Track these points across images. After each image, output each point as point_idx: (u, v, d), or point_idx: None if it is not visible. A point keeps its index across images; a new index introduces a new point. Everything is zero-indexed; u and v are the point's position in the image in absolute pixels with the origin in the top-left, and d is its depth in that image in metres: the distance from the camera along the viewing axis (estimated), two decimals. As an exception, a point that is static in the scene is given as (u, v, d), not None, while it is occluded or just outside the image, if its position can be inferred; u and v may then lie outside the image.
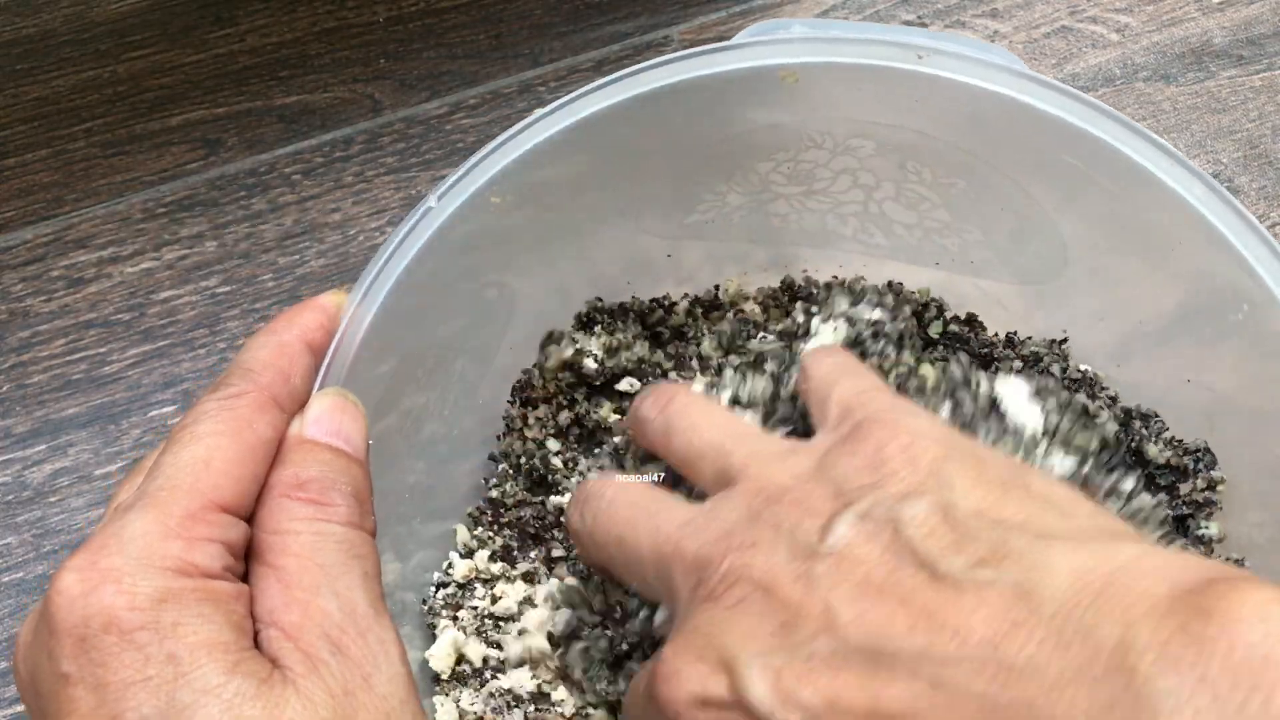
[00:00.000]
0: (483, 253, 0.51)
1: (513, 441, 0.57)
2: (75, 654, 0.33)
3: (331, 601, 0.36)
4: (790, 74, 0.49)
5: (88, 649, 0.33)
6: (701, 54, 0.49)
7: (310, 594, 0.36)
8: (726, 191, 0.56)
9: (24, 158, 0.74)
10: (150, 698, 0.32)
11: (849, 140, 0.53)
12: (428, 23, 0.78)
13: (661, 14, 0.78)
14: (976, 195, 0.54)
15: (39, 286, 0.69)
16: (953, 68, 0.48)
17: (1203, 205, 0.46)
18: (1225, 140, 0.72)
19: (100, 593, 0.33)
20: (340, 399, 0.41)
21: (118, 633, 0.33)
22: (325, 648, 0.35)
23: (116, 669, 0.32)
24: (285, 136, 0.74)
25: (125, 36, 0.78)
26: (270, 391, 0.39)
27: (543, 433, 0.56)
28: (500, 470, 0.57)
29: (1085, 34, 0.77)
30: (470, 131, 0.74)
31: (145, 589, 0.33)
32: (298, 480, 0.38)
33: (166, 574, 0.34)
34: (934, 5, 0.78)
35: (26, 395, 0.66)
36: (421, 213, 0.47)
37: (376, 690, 0.35)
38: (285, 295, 0.69)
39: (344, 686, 0.34)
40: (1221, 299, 0.47)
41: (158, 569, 0.34)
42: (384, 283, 0.46)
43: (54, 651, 0.33)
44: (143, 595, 0.33)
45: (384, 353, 0.46)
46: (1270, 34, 0.76)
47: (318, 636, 0.35)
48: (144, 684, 0.32)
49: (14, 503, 0.63)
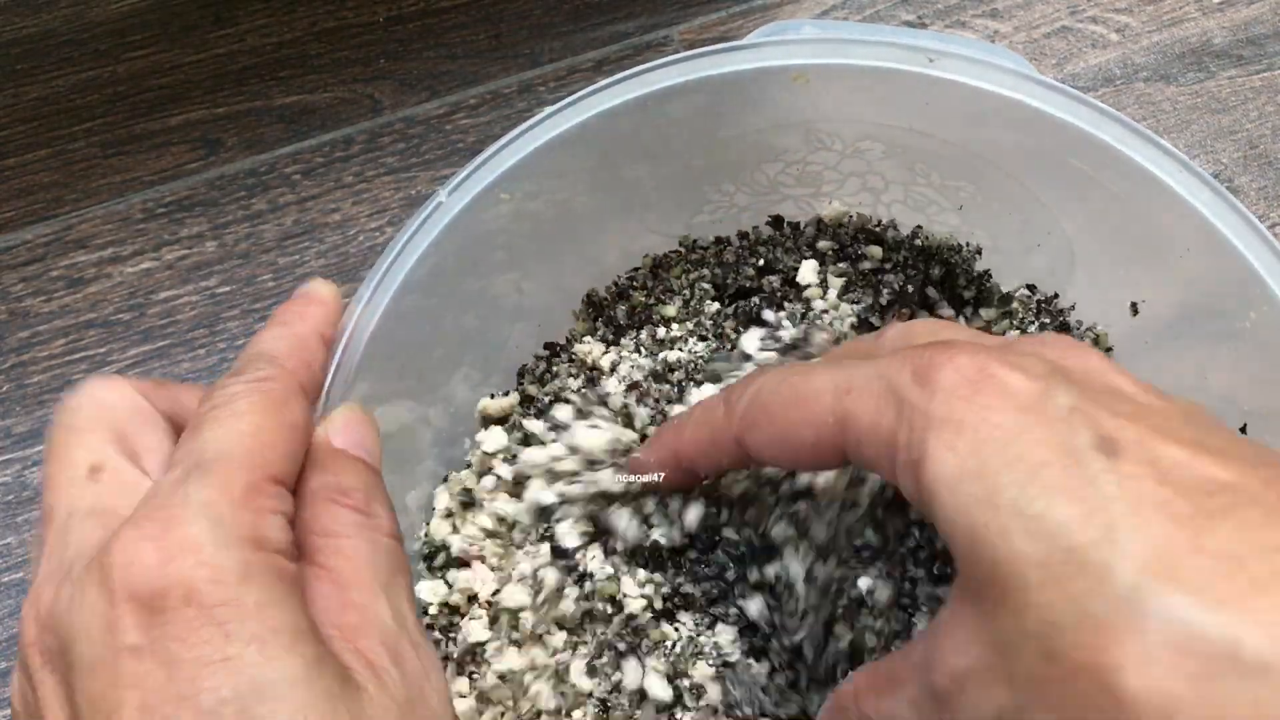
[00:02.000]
0: (491, 249, 0.51)
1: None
2: (146, 626, 0.30)
3: (386, 610, 0.35)
4: (801, 75, 0.49)
5: (162, 622, 0.30)
6: (711, 54, 0.49)
7: (367, 599, 0.34)
8: (734, 192, 0.56)
9: (24, 158, 0.73)
10: (229, 680, 0.30)
11: (858, 143, 0.53)
12: (427, 23, 0.78)
13: (661, 14, 0.78)
14: (984, 199, 0.54)
15: (39, 286, 0.69)
16: (962, 71, 0.48)
17: (1209, 210, 0.46)
18: (1225, 140, 0.72)
19: (179, 563, 0.31)
20: (360, 413, 0.41)
21: (198, 606, 0.30)
22: (386, 656, 0.34)
23: (194, 645, 0.30)
24: (285, 136, 0.74)
25: (125, 36, 0.78)
26: (297, 378, 0.38)
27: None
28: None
29: (1085, 34, 0.77)
30: (470, 131, 0.74)
31: (228, 562, 0.31)
32: (340, 487, 0.37)
33: (245, 547, 0.32)
34: (934, 5, 0.78)
35: (26, 395, 0.66)
36: (432, 207, 0.47)
37: (430, 705, 0.34)
38: (285, 295, 0.68)
39: (406, 697, 0.33)
40: (1226, 302, 0.47)
41: (236, 541, 0.32)
42: (394, 277, 0.46)
43: (116, 622, 0.30)
44: (227, 569, 0.31)
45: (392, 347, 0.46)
46: (1270, 34, 0.76)
47: (378, 643, 0.34)
48: (223, 664, 0.30)
49: (14, 503, 0.63)
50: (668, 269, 0.57)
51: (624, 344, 0.55)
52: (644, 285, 0.57)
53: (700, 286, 0.55)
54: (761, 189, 0.56)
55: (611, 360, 0.54)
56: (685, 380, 0.53)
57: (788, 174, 0.55)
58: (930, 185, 0.54)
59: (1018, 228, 0.54)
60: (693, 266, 0.57)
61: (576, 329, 0.57)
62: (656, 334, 0.54)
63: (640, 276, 0.57)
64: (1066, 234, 0.52)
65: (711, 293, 0.56)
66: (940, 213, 0.55)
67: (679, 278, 0.57)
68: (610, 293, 0.57)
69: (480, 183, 0.48)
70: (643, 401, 0.52)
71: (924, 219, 0.56)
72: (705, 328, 0.55)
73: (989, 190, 0.53)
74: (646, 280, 0.57)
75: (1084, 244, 0.52)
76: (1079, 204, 0.50)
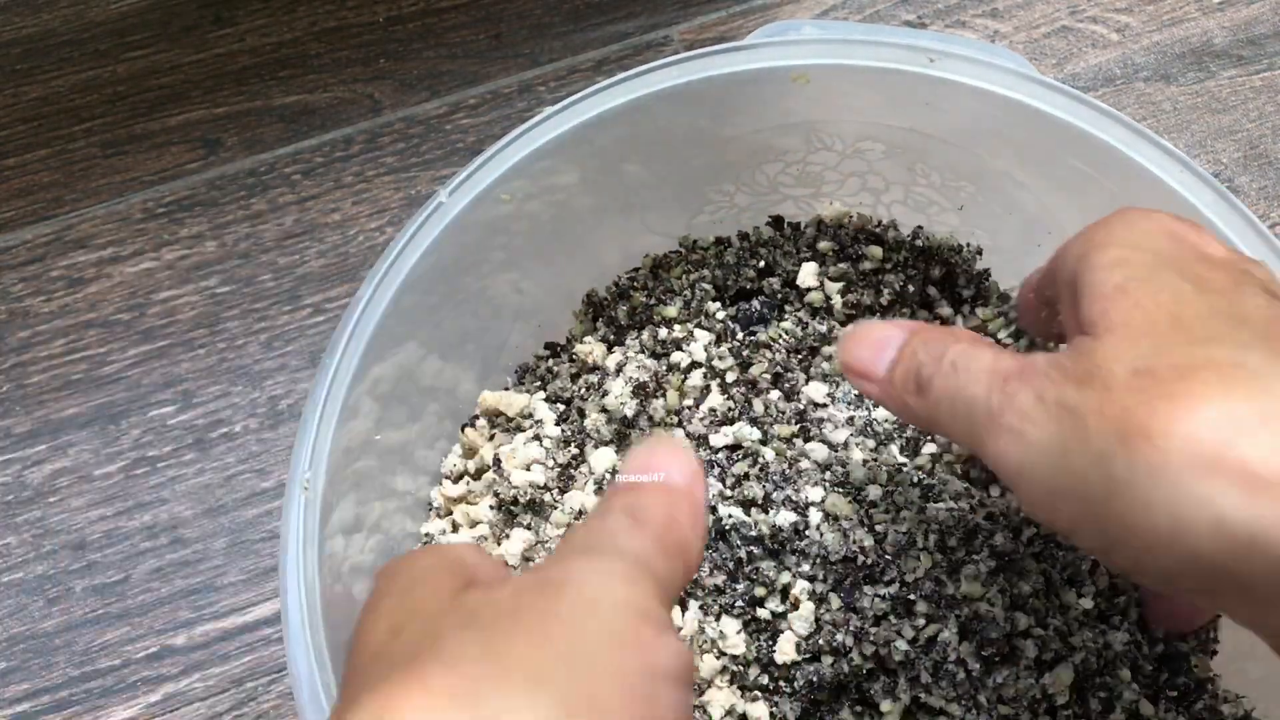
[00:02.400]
0: (491, 249, 0.51)
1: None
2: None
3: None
4: (801, 76, 0.49)
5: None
6: (712, 54, 0.49)
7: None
8: (734, 192, 0.56)
9: (24, 158, 0.74)
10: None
11: (859, 143, 0.53)
12: (428, 23, 0.78)
13: (661, 14, 0.78)
14: (985, 199, 0.54)
15: (39, 286, 0.69)
16: (963, 71, 0.48)
17: (1210, 210, 0.46)
18: (1225, 140, 0.72)
19: None
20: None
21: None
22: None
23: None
24: (285, 136, 0.74)
25: (125, 36, 0.78)
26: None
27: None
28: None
29: (1085, 34, 0.77)
30: (470, 131, 0.74)
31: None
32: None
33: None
34: (934, 5, 0.78)
35: (26, 395, 0.66)
36: (432, 208, 0.47)
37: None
38: (285, 295, 0.68)
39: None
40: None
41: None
42: (394, 278, 0.46)
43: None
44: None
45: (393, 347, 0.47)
46: (1270, 34, 0.76)
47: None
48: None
49: (14, 503, 0.63)
50: (668, 269, 0.57)
51: (629, 344, 0.55)
52: (644, 286, 0.57)
53: (701, 287, 0.55)
54: (762, 189, 0.56)
55: (617, 361, 0.54)
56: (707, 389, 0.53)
57: (788, 174, 0.55)
58: (931, 185, 0.54)
59: (1018, 228, 0.54)
60: (693, 267, 0.57)
61: (576, 329, 0.57)
62: (659, 334, 0.54)
63: (640, 277, 0.57)
64: (1067, 234, 0.52)
65: (712, 293, 0.56)
66: (941, 213, 0.55)
67: (679, 278, 0.56)
68: (610, 293, 0.57)
69: (480, 183, 0.48)
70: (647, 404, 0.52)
71: (924, 219, 0.56)
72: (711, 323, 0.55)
73: (989, 190, 0.53)
74: (647, 281, 0.57)
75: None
76: (1080, 204, 0.50)
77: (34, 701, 0.58)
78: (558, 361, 0.56)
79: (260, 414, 0.65)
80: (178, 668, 0.58)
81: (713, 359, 0.53)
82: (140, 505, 0.62)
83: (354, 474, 0.45)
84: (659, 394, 0.52)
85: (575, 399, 0.53)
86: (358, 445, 0.45)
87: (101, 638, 0.59)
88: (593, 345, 0.55)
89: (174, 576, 0.61)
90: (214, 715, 0.57)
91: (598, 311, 0.57)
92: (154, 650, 0.59)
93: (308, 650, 0.39)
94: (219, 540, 0.61)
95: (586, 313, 0.57)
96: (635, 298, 0.56)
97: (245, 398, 0.65)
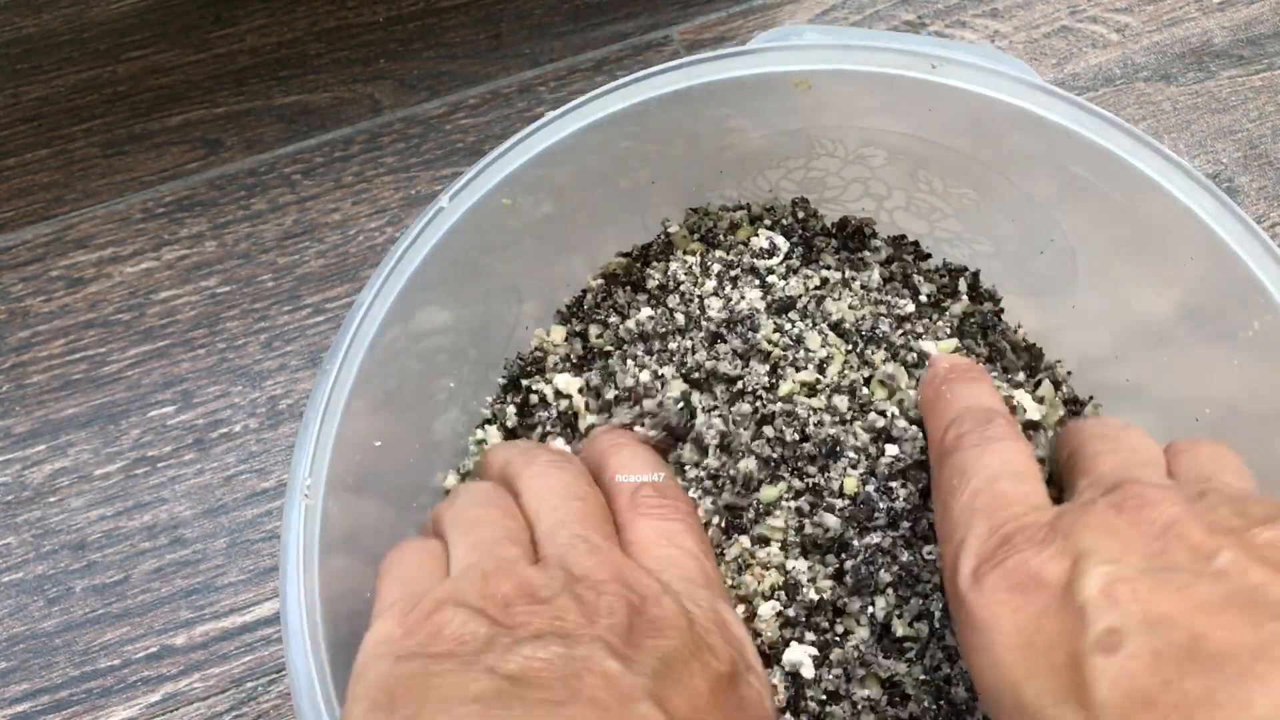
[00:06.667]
0: (492, 253, 0.51)
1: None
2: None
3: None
4: (803, 81, 0.49)
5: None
6: (714, 59, 0.49)
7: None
8: (736, 198, 0.56)
9: (24, 158, 0.73)
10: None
11: (861, 149, 0.53)
12: (428, 23, 0.78)
13: (661, 14, 0.78)
14: (988, 206, 0.54)
15: (39, 286, 0.69)
16: (966, 77, 0.48)
17: (1211, 218, 0.46)
18: (1225, 140, 0.72)
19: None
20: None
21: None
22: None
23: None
24: (285, 136, 0.74)
25: (125, 36, 0.78)
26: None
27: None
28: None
29: (1085, 34, 0.77)
30: (470, 131, 0.74)
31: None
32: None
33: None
34: (934, 5, 0.78)
35: (26, 395, 0.66)
36: (434, 212, 0.47)
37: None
38: (285, 295, 0.68)
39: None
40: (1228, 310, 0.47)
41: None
42: (396, 281, 0.46)
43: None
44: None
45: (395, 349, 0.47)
46: (1270, 34, 0.76)
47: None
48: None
49: (14, 503, 0.63)
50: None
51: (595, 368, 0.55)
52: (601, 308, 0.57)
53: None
54: (763, 195, 0.56)
55: (579, 387, 0.54)
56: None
57: (790, 180, 0.55)
58: (933, 192, 0.54)
59: (1020, 234, 0.54)
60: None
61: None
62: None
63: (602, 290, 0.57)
64: (1069, 240, 0.52)
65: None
66: (943, 219, 0.55)
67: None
68: (573, 306, 0.57)
69: (482, 188, 0.48)
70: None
71: (927, 226, 0.56)
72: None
73: (992, 197, 0.53)
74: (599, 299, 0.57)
75: (1086, 250, 0.52)
76: (1081, 210, 0.50)
77: (34, 701, 0.58)
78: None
79: (260, 414, 0.65)
80: (177, 668, 0.59)
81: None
82: (140, 505, 0.62)
83: (355, 480, 0.45)
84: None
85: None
86: (358, 451, 0.45)
87: (101, 638, 0.59)
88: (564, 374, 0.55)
89: (174, 576, 0.61)
90: (214, 715, 0.57)
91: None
92: (154, 650, 0.59)
93: (306, 657, 0.39)
94: (219, 540, 0.61)
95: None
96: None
97: (245, 398, 0.65)
